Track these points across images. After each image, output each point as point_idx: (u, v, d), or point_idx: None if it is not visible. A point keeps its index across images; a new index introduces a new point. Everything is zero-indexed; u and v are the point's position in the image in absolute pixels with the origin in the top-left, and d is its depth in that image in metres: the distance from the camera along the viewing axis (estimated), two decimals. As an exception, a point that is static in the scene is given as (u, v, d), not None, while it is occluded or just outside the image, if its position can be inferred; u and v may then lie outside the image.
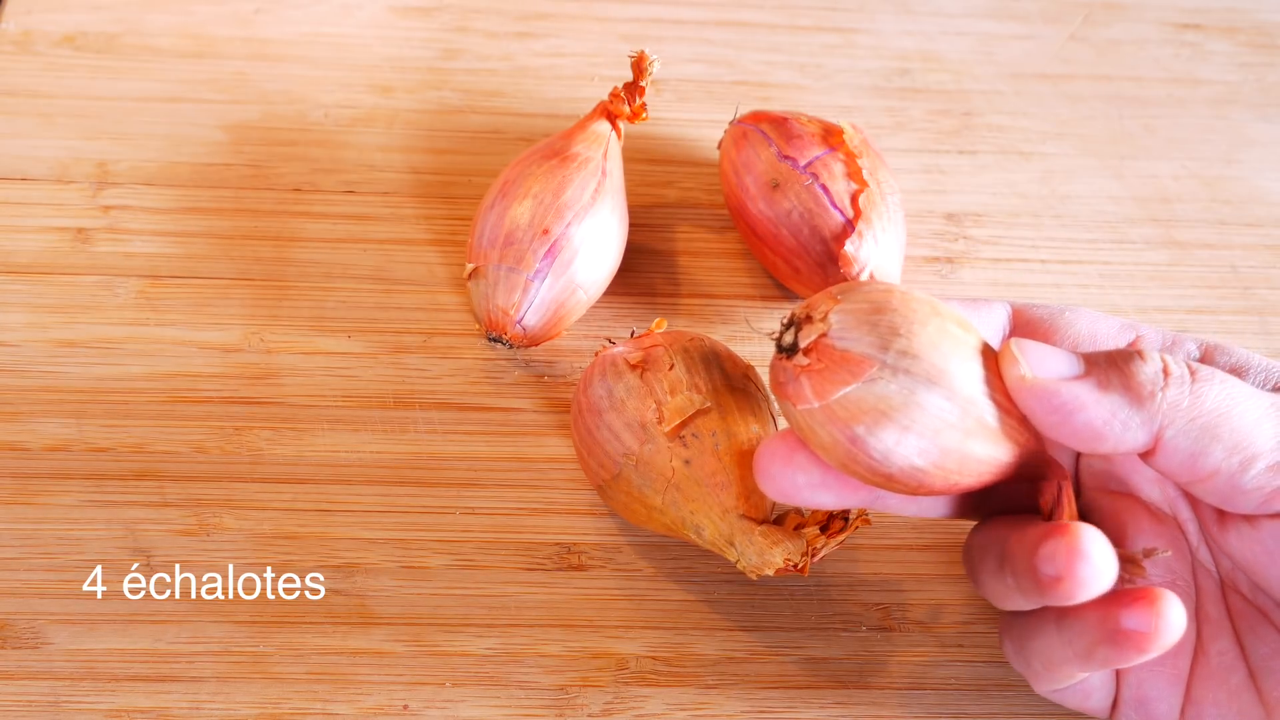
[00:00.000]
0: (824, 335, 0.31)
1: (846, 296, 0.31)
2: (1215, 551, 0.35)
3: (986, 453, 0.31)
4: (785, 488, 0.33)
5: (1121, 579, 0.31)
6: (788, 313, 0.32)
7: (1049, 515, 0.33)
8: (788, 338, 0.31)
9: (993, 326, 0.35)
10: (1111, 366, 0.31)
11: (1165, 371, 0.31)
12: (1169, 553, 0.33)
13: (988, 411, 0.31)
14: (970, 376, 0.31)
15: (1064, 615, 0.33)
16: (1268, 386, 0.34)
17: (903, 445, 0.30)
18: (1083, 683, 0.34)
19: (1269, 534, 0.32)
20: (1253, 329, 0.47)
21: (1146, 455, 0.32)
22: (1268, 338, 0.47)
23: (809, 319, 0.31)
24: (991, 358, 0.32)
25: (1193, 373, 0.32)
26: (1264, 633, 0.34)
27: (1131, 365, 0.31)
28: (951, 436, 0.30)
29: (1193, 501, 0.35)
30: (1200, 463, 0.31)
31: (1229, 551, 0.34)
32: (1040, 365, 0.31)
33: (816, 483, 0.32)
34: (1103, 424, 0.31)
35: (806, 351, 0.31)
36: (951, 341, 0.31)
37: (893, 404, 0.30)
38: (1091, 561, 0.30)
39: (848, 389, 0.30)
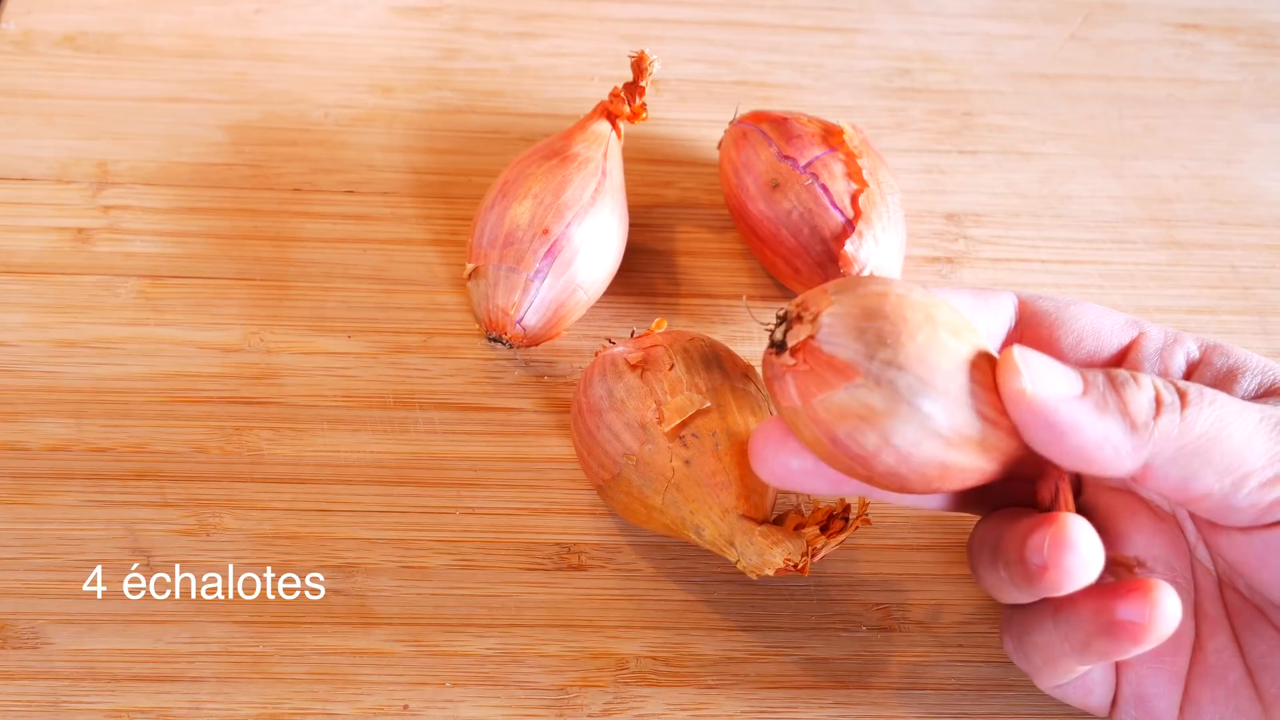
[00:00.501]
0: (812, 337, 0.31)
1: (840, 297, 0.31)
2: (1212, 553, 0.35)
3: (969, 462, 0.31)
4: (778, 471, 0.33)
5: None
6: (783, 307, 0.32)
7: (1047, 511, 0.33)
8: (778, 334, 0.31)
9: (999, 318, 0.36)
10: (1110, 389, 0.31)
11: (1158, 400, 0.31)
12: (1153, 573, 0.33)
13: (971, 425, 0.31)
14: (957, 389, 0.31)
15: (1060, 608, 0.33)
16: (1263, 388, 0.34)
17: (883, 452, 0.30)
18: (1084, 679, 0.35)
19: (1261, 542, 0.32)
20: (1253, 329, 0.47)
21: (1137, 480, 0.32)
22: (1268, 338, 0.47)
23: (799, 318, 0.31)
24: (985, 366, 0.31)
25: (1183, 396, 0.31)
26: (1261, 630, 0.34)
27: (1127, 392, 0.31)
28: (932, 447, 0.30)
29: None
30: (1192, 487, 0.31)
31: (1222, 554, 0.34)
32: (1041, 381, 0.31)
33: (809, 469, 0.33)
34: (1094, 448, 0.31)
35: (794, 352, 0.31)
36: (940, 352, 0.31)
37: (875, 411, 0.30)
38: (1078, 551, 0.31)
39: (830, 393, 0.30)
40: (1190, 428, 0.31)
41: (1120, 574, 0.32)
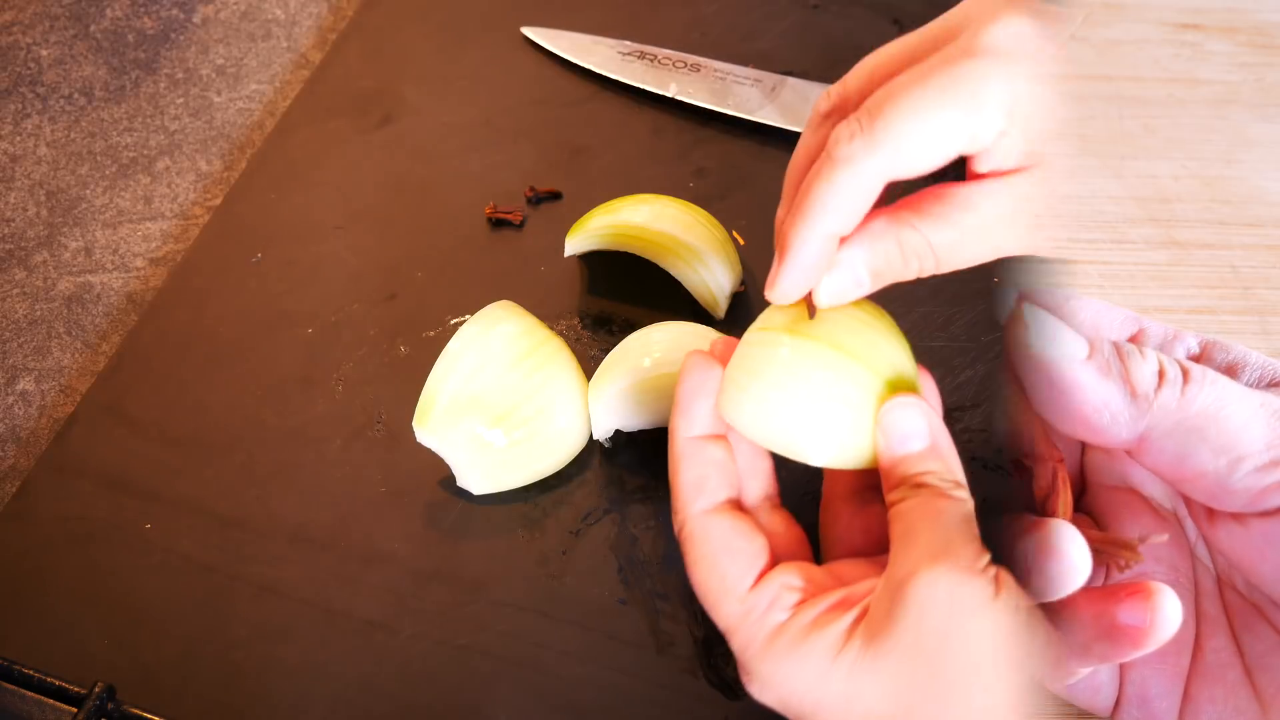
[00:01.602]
0: None
1: None
2: (1211, 548, 0.35)
3: None
4: None
5: (1118, 565, 0.32)
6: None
7: (1044, 499, 0.33)
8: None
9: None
10: (1115, 356, 0.32)
11: (1160, 373, 0.32)
12: (1165, 537, 0.33)
13: None
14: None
15: (1059, 611, 0.33)
16: (1263, 383, 0.34)
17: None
18: (1091, 679, 0.34)
19: (1258, 532, 0.32)
20: (1253, 329, 0.47)
21: (1134, 453, 0.32)
22: (1268, 338, 0.46)
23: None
24: None
25: (1185, 374, 0.32)
26: (1259, 629, 0.34)
27: (1131, 361, 0.32)
28: None
29: (1186, 499, 0.35)
30: (1188, 464, 0.31)
31: (1221, 548, 0.34)
32: (1047, 339, 0.31)
33: None
34: (1093, 412, 0.31)
35: None
36: None
37: None
38: (1064, 558, 0.30)
39: None
40: (1190, 403, 0.31)
41: (1126, 555, 0.32)
